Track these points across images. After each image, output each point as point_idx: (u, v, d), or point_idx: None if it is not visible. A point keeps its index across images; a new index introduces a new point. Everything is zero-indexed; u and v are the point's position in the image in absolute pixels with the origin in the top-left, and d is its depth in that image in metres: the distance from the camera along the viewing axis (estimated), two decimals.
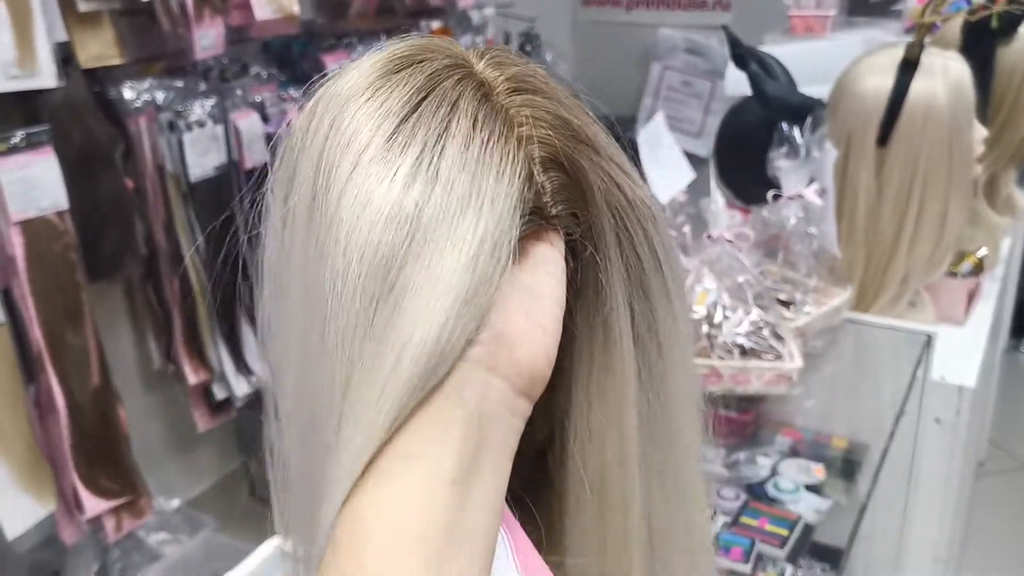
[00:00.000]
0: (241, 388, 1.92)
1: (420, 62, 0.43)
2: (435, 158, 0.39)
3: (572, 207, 0.43)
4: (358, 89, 0.42)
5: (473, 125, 0.40)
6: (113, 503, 1.64)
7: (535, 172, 0.42)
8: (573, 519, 0.46)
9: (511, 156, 0.40)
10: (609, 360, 0.44)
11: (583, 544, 0.46)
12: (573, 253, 0.44)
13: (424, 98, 0.41)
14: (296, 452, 0.45)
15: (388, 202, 0.38)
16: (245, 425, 2.06)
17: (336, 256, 0.38)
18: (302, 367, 0.42)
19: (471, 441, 0.36)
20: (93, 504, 1.61)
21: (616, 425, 0.45)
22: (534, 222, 0.42)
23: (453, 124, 0.40)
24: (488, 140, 0.40)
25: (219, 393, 1.92)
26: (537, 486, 0.48)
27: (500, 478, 0.38)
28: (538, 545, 0.45)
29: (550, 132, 0.43)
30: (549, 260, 0.42)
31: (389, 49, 0.44)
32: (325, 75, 0.45)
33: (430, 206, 0.38)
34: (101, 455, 1.63)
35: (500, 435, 0.38)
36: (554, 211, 0.43)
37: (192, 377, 1.86)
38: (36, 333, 1.52)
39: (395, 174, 0.38)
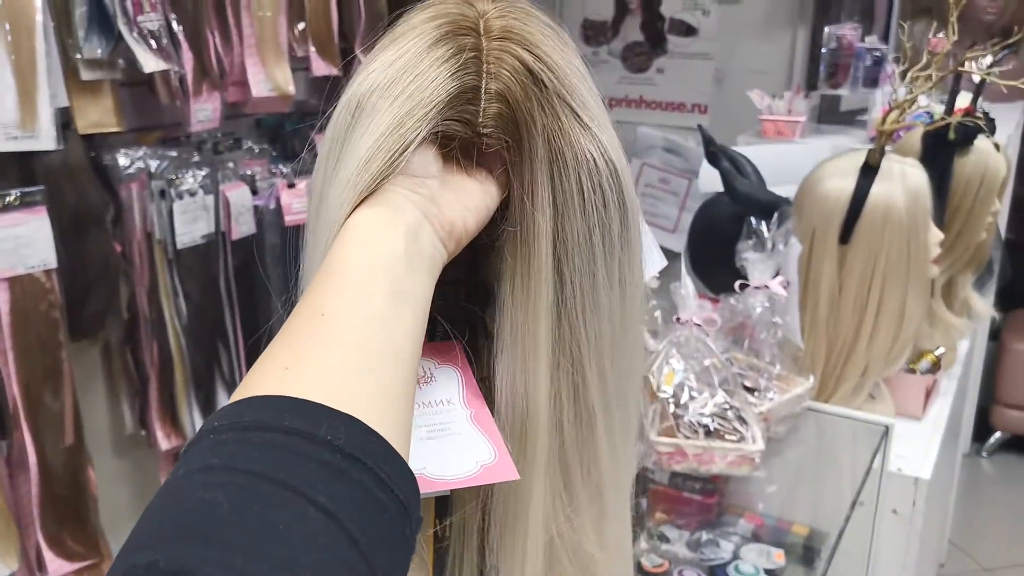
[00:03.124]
0: None
1: (439, 16, 0.55)
2: (400, 59, 0.53)
3: (505, 135, 0.55)
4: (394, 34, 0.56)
5: (447, 48, 0.53)
6: (76, 565, 1.63)
7: (481, 96, 0.54)
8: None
9: (462, 67, 0.53)
10: (527, 270, 0.55)
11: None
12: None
13: (423, 25, 0.55)
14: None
15: (355, 85, 0.55)
16: None
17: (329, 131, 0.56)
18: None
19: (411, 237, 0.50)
20: (56, 566, 1.59)
21: (532, 323, 0.55)
22: (461, 131, 0.54)
23: (433, 45, 0.53)
24: (448, 56, 0.53)
25: None
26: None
27: (429, 285, 0.50)
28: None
29: (509, 72, 0.54)
30: (482, 175, 0.56)
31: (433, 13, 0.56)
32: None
33: (375, 92, 0.53)
34: (68, 516, 1.62)
35: (428, 253, 0.51)
36: (484, 130, 0.54)
37: (164, 442, 1.86)
38: (14, 390, 1.53)
39: (371, 71, 0.54)
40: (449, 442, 0.55)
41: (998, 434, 3.56)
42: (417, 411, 0.55)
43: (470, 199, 0.54)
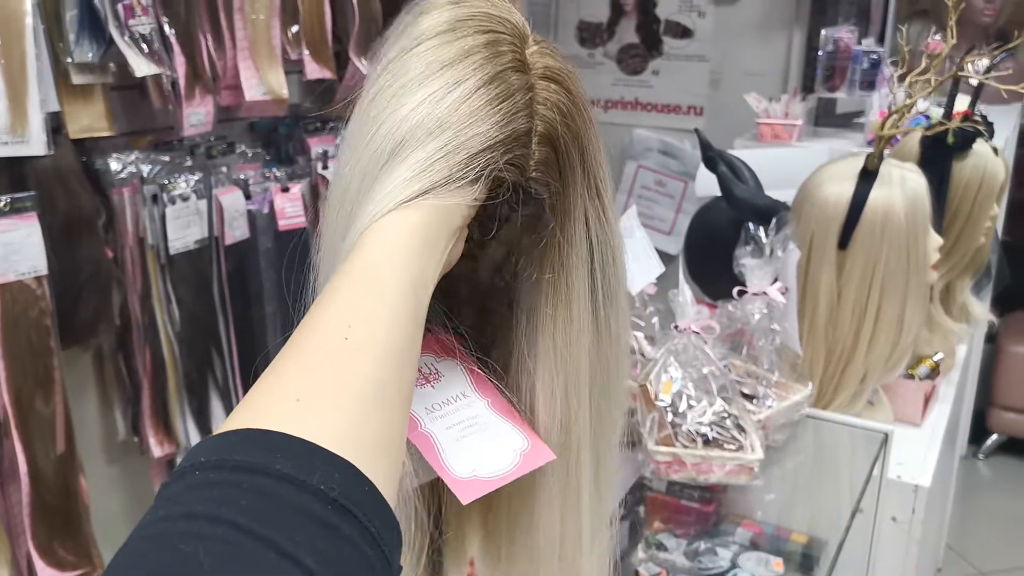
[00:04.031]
0: None
1: (485, 31, 0.54)
2: (457, 88, 0.51)
3: (547, 177, 0.55)
4: (430, 33, 0.54)
5: (499, 82, 0.52)
6: (68, 575, 1.61)
7: (532, 140, 0.54)
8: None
9: (517, 115, 0.52)
10: (568, 303, 0.58)
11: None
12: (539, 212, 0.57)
13: (474, 52, 0.53)
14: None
15: (411, 107, 0.51)
16: None
17: (375, 128, 0.52)
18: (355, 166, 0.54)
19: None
20: (48, 575, 1.58)
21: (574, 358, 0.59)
22: (512, 175, 0.53)
23: (486, 74, 0.52)
24: (501, 95, 0.52)
25: None
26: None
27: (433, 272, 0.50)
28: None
29: (557, 116, 0.54)
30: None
31: (463, 7, 0.55)
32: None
33: (433, 112, 0.51)
34: (60, 525, 1.61)
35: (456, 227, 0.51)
36: (533, 174, 0.54)
37: (157, 449, 1.84)
38: (4, 398, 1.52)
39: (425, 92, 0.51)
40: (484, 436, 0.55)
41: (995, 436, 3.55)
42: (441, 410, 0.55)
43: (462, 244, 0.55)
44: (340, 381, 0.42)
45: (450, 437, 0.51)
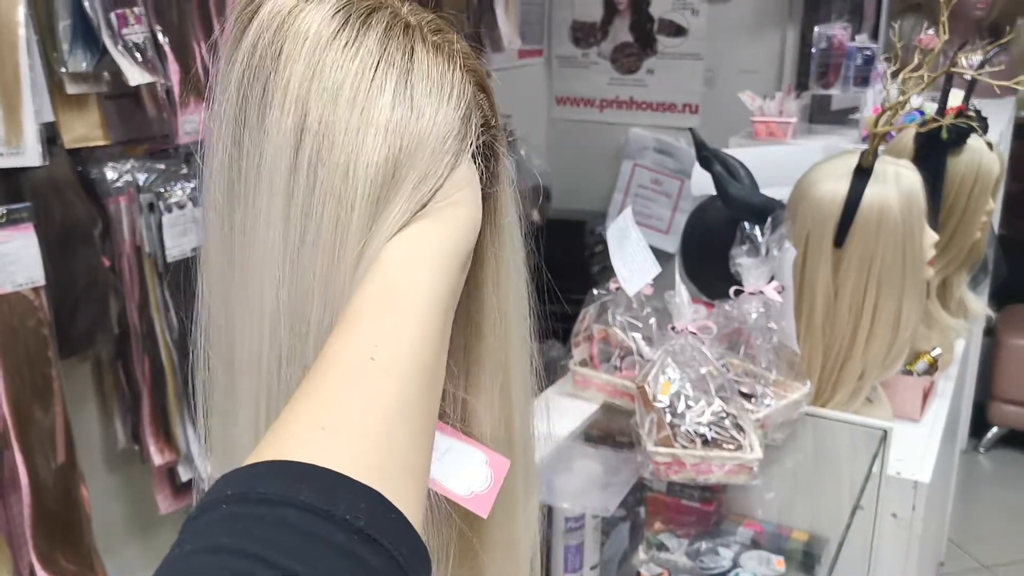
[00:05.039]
0: (207, 470, 1.91)
1: (368, 14, 0.53)
2: (407, 91, 0.51)
3: (496, 129, 0.56)
4: (328, 36, 0.51)
5: (428, 64, 0.52)
6: None
7: (480, 98, 0.55)
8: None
9: (458, 86, 0.53)
10: (505, 295, 0.58)
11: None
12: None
13: (385, 49, 0.52)
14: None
15: (380, 128, 0.50)
16: None
17: (343, 170, 0.50)
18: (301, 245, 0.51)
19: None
20: None
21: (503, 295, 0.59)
22: (486, 132, 0.55)
23: (415, 65, 0.52)
24: (442, 74, 0.52)
25: (184, 474, 1.90)
26: None
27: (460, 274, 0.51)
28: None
29: (469, 59, 0.55)
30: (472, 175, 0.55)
31: (336, 2, 0.52)
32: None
33: (407, 130, 0.50)
34: (61, 534, 1.61)
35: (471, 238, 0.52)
36: (493, 122, 0.56)
37: (158, 457, 1.85)
38: (3, 409, 1.52)
39: (381, 108, 0.50)
40: (455, 458, 0.56)
41: (995, 429, 3.56)
42: None
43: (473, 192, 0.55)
44: (366, 405, 0.42)
45: (436, 467, 0.52)
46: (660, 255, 1.43)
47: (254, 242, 0.51)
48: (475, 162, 0.54)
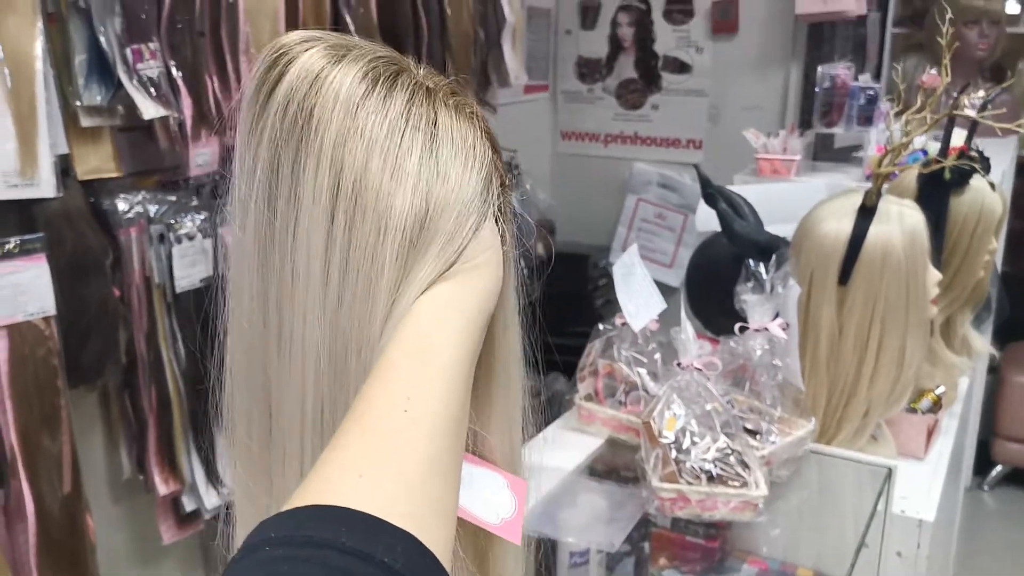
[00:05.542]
0: (211, 500, 1.91)
1: (392, 75, 0.55)
2: (433, 156, 0.53)
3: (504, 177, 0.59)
4: (358, 99, 0.53)
5: (451, 129, 0.55)
6: None
7: (495, 159, 0.58)
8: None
9: (479, 150, 0.56)
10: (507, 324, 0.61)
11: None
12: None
13: (410, 113, 0.54)
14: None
15: (408, 192, 0.52)
16: (210, 540, 2.04)
17: (375, 235, 0.52)
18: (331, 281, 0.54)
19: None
20: None
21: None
22: (503, 193, 0.58)
23: (440, 130, 0.55)
24: (464, 139, 0.55)
25: (188, 505, 1.91)
26: None
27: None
28: None
29: (487, 125, 0.58)
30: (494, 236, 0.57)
31: (365, 64, 0.55)
32: (280, 62, 0.55)
33: (434, 193, 0.53)
34: (66, 563, 1.61)
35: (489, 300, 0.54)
36: (508, 182, 0.59)
37: (162, 488, 1.85)
38: (11, 437, 1.53)
39: (409, 174, 0.53)
40: (485, 485, 0.58)
41: (999, 467, 3.55)
42: None
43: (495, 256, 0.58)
44: (400, 454, 0.44)
45: (464, 496, 0.53)
46: (663, 289, 1.45)
47: (293, 300, 0.54)
48: (496, 223, 0.57)
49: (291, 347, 0.54)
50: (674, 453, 1.22)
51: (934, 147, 1.84)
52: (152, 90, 1.68)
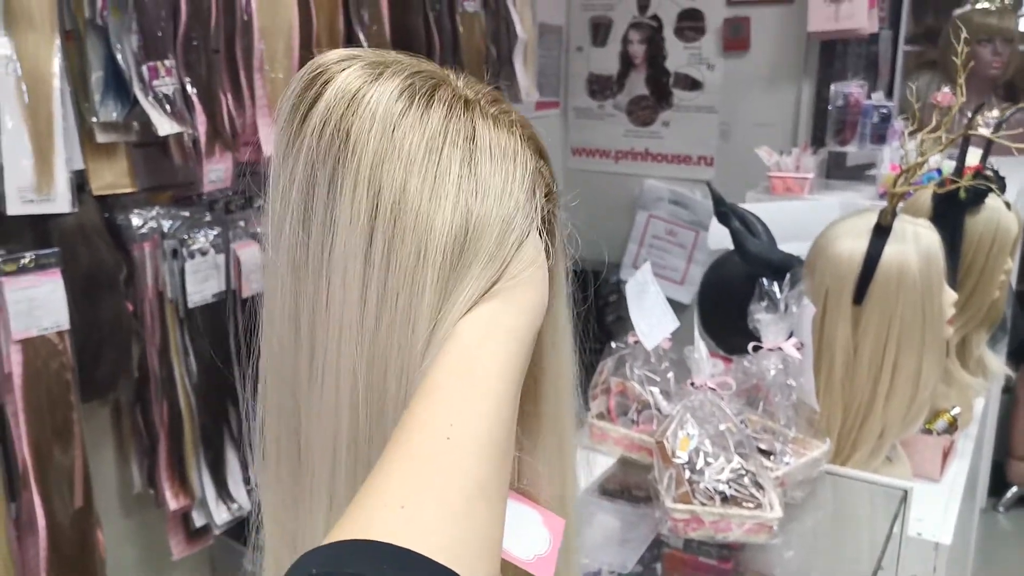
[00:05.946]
0: (221, 516, 1.91)
1: (430, 89, 0.54)
2: (472, 173, 0.53)
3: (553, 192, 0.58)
4: (395, 117, 0.52)
5: (490, 141, 0.54)
6: None
7: (540, 166, 0.57)
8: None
9: (521, 160, 0.55)
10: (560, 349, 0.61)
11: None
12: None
13: (448, 129, 0.53)
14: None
15: (448, 212, 0.51)
16: (220, 554, 2.03)
17: (415, 257, 0.51)
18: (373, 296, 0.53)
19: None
20: None
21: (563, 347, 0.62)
22: (549, 202, 0.57)
23: (478, 144, 0.54)
24: (504, 151, 0.54)
25: (198, 520, 1.90)
26: None
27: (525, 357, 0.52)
28: None
29: (532, 131, 0.57)
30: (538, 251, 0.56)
31: (401, 80, 0.53)
32: (317, 82, 0.54)
33: (474, 212, 0.52)
34: None
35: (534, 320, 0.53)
36: (554, 188, 0.58)
37: (173, 502, 1.85)
38: (24, 451, 1.53)
39: (448, 193, 0.52)
40: (519, 522, 0.57)
41: (1014, 488, 3.51)
42: None
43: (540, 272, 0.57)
44: (444, 484, 0.43)
45: (512, 534, 0.53)
46: (675, 306, 1.44)
47: (328, 324, 0.53)
48: (540, 236, 0.55)
49: (324, 374, 0.53)
50: (687, 473, 1.21)
51: (949, 166, 1.83)
52: (167, 107, 1.69)
